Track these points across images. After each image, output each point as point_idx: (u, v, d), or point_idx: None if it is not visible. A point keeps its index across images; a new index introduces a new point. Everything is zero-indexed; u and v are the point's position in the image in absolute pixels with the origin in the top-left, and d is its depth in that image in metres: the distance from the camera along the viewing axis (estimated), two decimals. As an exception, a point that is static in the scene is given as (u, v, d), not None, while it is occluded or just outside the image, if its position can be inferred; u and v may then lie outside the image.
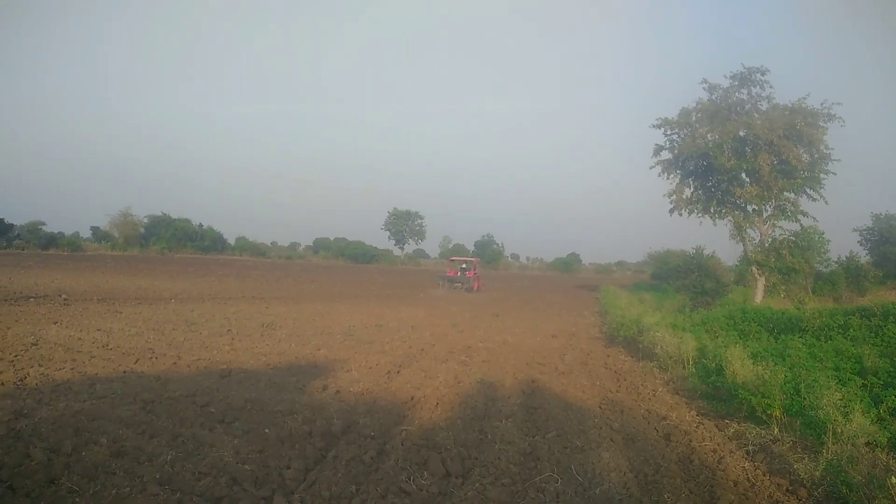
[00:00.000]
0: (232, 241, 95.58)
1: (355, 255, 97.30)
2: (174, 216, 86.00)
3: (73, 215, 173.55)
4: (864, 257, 43.73)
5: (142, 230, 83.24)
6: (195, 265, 56.27)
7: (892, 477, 6.00)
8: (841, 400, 8.13)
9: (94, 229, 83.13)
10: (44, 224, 73.59)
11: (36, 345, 12.42)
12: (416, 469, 6.63)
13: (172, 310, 20.29)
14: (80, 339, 13.50)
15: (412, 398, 9.87)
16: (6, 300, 19.81)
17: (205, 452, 6.70)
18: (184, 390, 9.31)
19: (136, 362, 11.42)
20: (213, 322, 17.64)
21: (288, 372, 11.45)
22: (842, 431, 7.46)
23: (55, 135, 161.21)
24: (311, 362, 12.61)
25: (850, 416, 7.70)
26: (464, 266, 46.25)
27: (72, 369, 10.41)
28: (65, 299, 21.18)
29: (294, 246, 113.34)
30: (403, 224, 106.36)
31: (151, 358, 11.95)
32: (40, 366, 10.52)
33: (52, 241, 69.42)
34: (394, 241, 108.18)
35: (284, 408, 8.64)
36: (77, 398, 8.55)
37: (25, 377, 9.65)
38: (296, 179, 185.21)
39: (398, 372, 12.01)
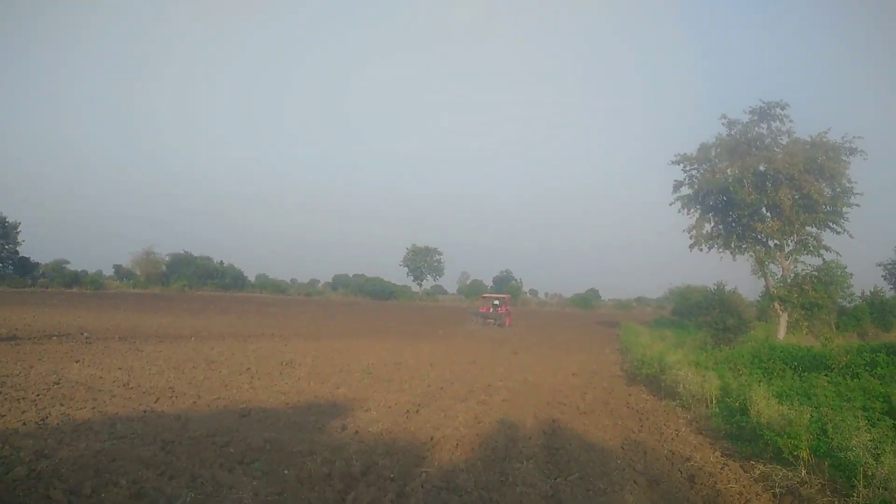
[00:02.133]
0: (252, 278, 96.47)
1: (374, 292, 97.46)
2: (196, 254, 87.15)
3: (96, 254, 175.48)
4: (888, 292, 43.11)
5: (163, 268, 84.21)
6: (216, 302, 56.70)
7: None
8: (871, 441, 7.94)
9: (117, 267, 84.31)
10: (68, 262, 74.94)
11: (58, 384, 12.50)
12: (437, 512, 6.54)
13: (193, 348, 20.39)
14: (101, 377, 13.58)
15: (432, 438, 9.78)
16: (30, 339, 20.03)
17: (224, 494, 6.67)
18: (203, 430, 9.31)
19: (157, 401, 11.45)
20: (232, 360, 17.68)
21: (307, 411, 11.42)
22: (873, 474, 7.26)
23: (80, 174, 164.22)
24: (331, 401, 12.57)
25: (882, 458, 7.50)
26: (496, 303, 47.85)
27: (93, 409, 10.45)
28: (87, 338, 21.36)
29: (313, 283, 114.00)
30: (422, 260, 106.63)
31: (171, 397, 11.98)
32: (62, 405, 10.57)
33: (75, 280, 70.36)
34: (412, 278, 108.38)
35: (304, 448, 8.60)
36: (98, 438, 8.57)
37: (47, 416, 9.69)
38: (315, 216, 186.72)
39: (417, 411, 11.92)
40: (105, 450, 7.95)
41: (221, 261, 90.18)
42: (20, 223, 67.36)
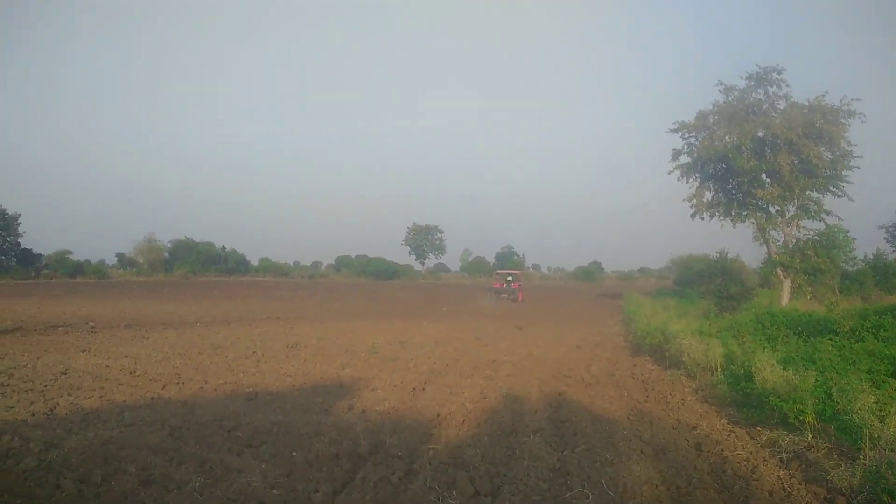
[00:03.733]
0: (255, 262, 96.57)
1: (377, 272, 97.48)
2: (197, 240, 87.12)
3: (99, 243, 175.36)
4: (891, 255, 43.04)
5: (166, 255, 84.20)
6: (219, 288, 56.81)
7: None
8: (876, 403, 7.95)
9: (120, 256, 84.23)
10: (71, 252, 74.79)
11: (65, 374, 12.56)
12: (445, 489, 6.58)
13: (198, 334, 20.46)
14: (107, 366, 13.64)
15: (438, 415, 9.82)
16: (36, 330, 20.10)
17: (233, 478, 6.70)
18: (211, 415, 9.35)
19: (164, 388, 11.50)
20: (238, 345, 17.74)
21: (314, 393, 11.46)
22: (879, 436, 7.25)
23: (79, 164, 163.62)
24: (337, 382, 12.61)
25: (887, 419, 7.50)
26: (509, 279, 49.82)
27: (100, 397, 10.51)
28: (92, 327, 21.44)
29: (316, 265, 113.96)
30: (423, 239, 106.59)
31: (178, 383, 12.03)
32: (69, 395, 10.62)
33: (78, 270, 70.43)
34: (414, 256, 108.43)
35: (311, 430, 8.63)
36: (106, 426, 8.62)
37: (55, 407, 9.74)
38: (316, 198, 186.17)
39: (423, 389, 11.96)
40: (113, 438, 7.99)
41: (223, 246, 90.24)
42: (20, 215, 67.34)
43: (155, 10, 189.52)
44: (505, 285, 48.77)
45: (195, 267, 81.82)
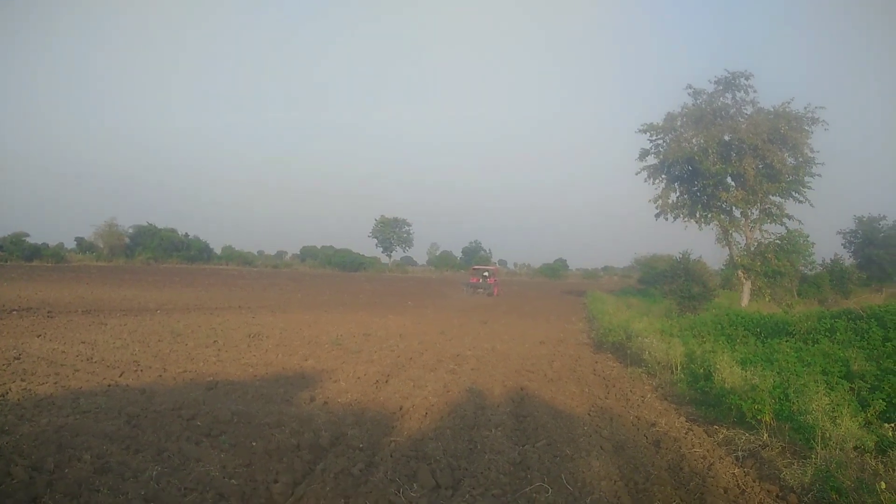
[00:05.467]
0: (218, 250, 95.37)
1: (343, 264, 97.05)
2: (160, 226, 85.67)
3: (57, 226, 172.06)
4: (848, 260, 44.35)
5: (127, 240, 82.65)
6: (181, 275, 55.93)
7: (881, 482, 6.01)
8: (829, 404, 8.14)
9: (79, 240, 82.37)
10: (27, 235, 72.65)
11: (18, 359, 12.24)
12: (406, 481, 6.57)
13: (158, 321, 20.10)
14: (63, 352, 13.33)
15: (401, 408, 9.80)
16: (-12, 313, 19.55)
17: (191, 467, 6.60)
18: (169, 403, 9.19)
19: (121, 375, 11.27)
20: (199, 333, 17.48)
21: (275, 383, 11.35)
22: (830, 436, 7.47)
23: (38, 144, 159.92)
24: (299, 373, 12.51)
25: (839, 420, 7.72)
26: (486, 274, 51.76)
27: (55, 383, 10.26)
28: (49, 312, 20.92)
29: (281, 254, 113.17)
30: (391, 231, 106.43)
31: (136, 370, 11.81)
32: (23, 380, 10.35)
33: (35, 253, 68.63)
34: (381, 249, 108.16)
35: (272, 420, 8.55)
36: (60, 413, 8.42)
37: (7, 392, 9.49)
38: (282, 188, 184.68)
39: (386, 381, 11.93)
40: (68, 425, 7.81)
41: (186, 233, 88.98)
42: (-24, 196, 65.48)
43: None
44: (481, 280, 50.21)
45: (157, 253, 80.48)
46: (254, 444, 7.51)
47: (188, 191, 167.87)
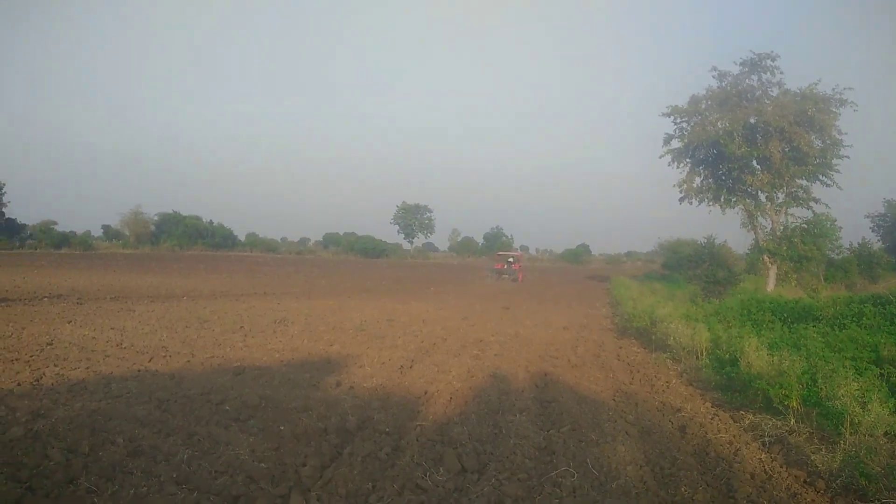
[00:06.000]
0: (242, 237, 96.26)
1: (365, 250, 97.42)
2: (184, 214, 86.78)
3: (84, 214, 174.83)
4: (876, 244, 43.52)
5: (152, 228, 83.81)
6: (206, 262, 56.59)
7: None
8: (858, 390, 8.06)
9: (106, 228, 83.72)
10: (56, 224, 74.10)
11: (51, 344, 12.48)
12: (432, 465, 6.63)
13: (185, 307, 20.37)
14: (94, 338, 13.56)
15: (426, 393, 9.86)
16: (21, 300, 19.94)
17: (221, 451, 6.71)
18: (198, 388, 9.32)
19: (150, 361, 11.45)
20: (225, 319, 17.69)
21: (301, 368, 11.46)
22: (859, 422, 7.40)
23: (66, 135, 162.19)
24: (325, 358, 12.62)
25: (868, 406, 7.64)
26: (510, 260, 52.29)
27: (87, 368, 10.45)
28: (78, 299, 21.28)
29: (304, 241, 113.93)
30: (412, 218, 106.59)
31: (165, 356, 11.99)
32: (56, 366, 10.56)
33: (64, 241, 69.88)
34: (403, 235, 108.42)
35: (299, 404, 8.64)
36: (93, 398, 8.58)
37: (41, 377, 9.69)
38: (305, 175, 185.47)
39: (411, 366, 12.00)
40: (100, 409, 7.96)
41: (211, 220, 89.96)
42: (5, 184, 66.77)
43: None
44: (506, 266, 50.82)
45: (182, 240, 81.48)
46: (282, 428, 7.60)
47: (212, 179, 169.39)
